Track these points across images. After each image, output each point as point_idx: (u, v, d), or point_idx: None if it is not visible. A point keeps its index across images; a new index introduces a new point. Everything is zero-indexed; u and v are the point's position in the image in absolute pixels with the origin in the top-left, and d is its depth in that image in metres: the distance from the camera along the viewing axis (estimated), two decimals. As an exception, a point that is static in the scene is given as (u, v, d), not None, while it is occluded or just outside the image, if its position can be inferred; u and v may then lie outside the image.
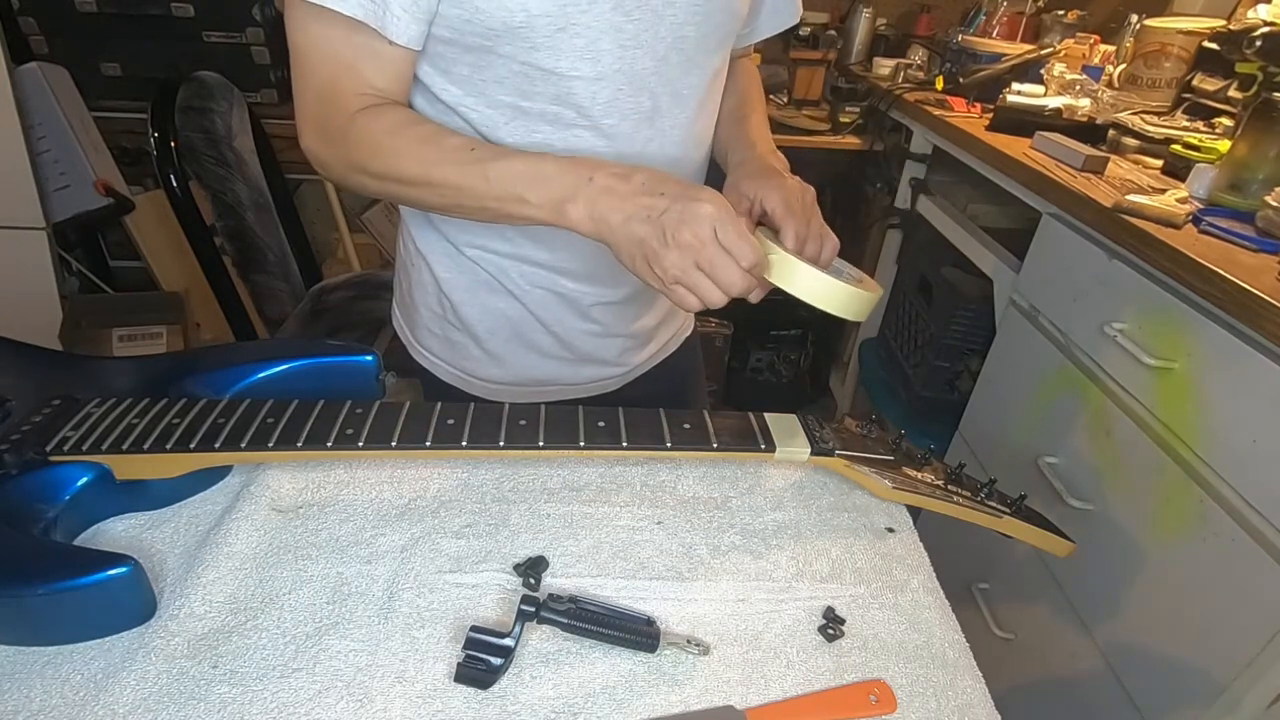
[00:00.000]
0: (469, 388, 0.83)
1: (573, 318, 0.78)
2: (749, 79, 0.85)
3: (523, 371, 0.82)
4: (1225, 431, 0.83)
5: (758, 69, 0.89)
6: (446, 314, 0.80)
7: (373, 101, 0.61)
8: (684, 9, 0.64)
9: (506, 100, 0.64)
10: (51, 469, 0.49)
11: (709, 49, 0.69)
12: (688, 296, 0.55)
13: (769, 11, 0.80)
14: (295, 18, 0.59)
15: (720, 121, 0.79)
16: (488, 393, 0.83)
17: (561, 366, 0.82)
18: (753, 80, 0.85)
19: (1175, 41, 1.33)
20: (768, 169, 0.68)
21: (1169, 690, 0.89)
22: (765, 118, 0.81)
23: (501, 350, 0.80)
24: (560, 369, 0.82)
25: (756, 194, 0.64)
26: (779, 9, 0.80)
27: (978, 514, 0.56)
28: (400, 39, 0.59)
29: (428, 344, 0.84)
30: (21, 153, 1.55)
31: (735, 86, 0.82)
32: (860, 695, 0.45)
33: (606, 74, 0.63)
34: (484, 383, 0.83)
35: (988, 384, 1.33)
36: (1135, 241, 0.94)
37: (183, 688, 0.41)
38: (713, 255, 0.53)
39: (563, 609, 0.46)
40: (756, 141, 0.75)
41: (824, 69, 2.00)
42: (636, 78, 0.65)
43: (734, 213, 0.55)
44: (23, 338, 0.61)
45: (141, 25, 1.79)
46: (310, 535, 0.52)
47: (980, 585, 1.26)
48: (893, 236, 1.89)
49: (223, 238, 1.53)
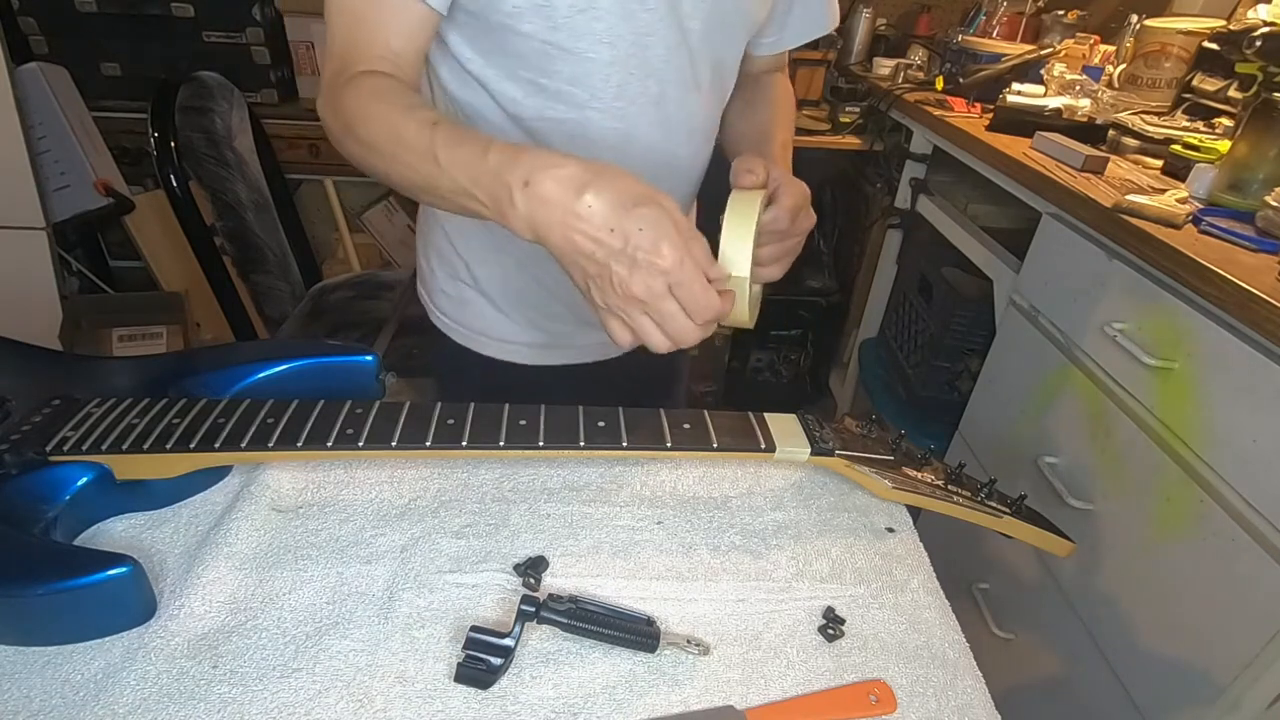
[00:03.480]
0: (482, 348, 0.85)
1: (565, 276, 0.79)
2: (782, 97, 0.83)
3: (533, 331, 0.83)
4: (1225, 431, 0.83)
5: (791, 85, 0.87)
6: (460, 273, 0.81)
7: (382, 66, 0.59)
8: (698, 6, 0.66)
9: (526, 76, 0.66)
10: (51, 469, 0.49)
11: (718, 43, 0.70)
12: (623, 334, 0.50)
13: (798, 17, 0.78)
14: None
15: (742, 135, 0.79)
16: (501, 352, 0.85)
17: (569, 329, 0.84)
18: (785, 98, 0.83)
19: (1175, 41, 1.33)
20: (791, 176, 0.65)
21: (1169, 690, 0.89)
22: (790, 139, 0.79)
23: (512, 308, 0.82)
24: (568, 331, 0.85)
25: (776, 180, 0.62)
26: (810, 16, 0.78)
27: (978, 514, 0.56)
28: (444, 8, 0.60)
29: (442, 305, 0.86)
30: (21, 153, 1.55)
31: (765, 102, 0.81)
32: (860, 695, 0.45)
33: (620, 58, 0.65)
34: (497, 342, 0.84)
35: (988, 384, 1.33)
36: (1135, 241, 0.94)
37: (183, 688, 0.41)
38: (664, 309, 0.48)
39: (563, 609, 0.46)
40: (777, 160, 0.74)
41: (824, 69, 2.00)
42: (647, 64, 0.67)
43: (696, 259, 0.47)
44: (23, 338, 0.61)
45: (141, 25, 1.79)
46: (310, 535, 0.52)
47: (980, 585, 1.26)
48: (893, 236, 1.89)
49: (223, 238, 1.53)
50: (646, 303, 0.47)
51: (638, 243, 0.46)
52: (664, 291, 0.47)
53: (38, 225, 1.62)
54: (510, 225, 0.50)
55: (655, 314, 0.48)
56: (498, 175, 0.48)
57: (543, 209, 0.47)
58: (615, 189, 0.47)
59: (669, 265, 0.46)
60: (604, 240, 0.46)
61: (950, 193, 1.63)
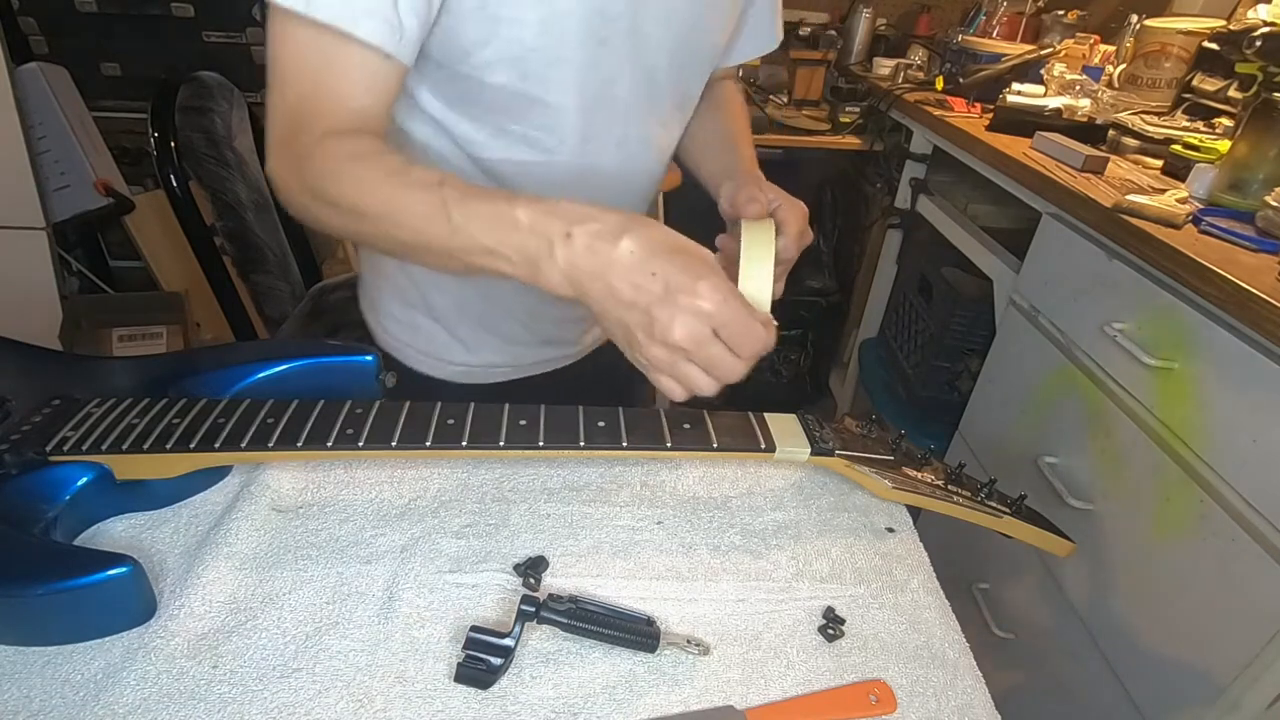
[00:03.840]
0: (434, 370, 0.83)
1: (543, 305, 0.79)
2: (736, 100, 0.85)
3: (487, 355, 0.83)
4: (1225, 431, 0.83)
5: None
6: (411, 298, 0.80)
7: (348, 123, 0.55)
8: (662, 44, 0.66)
9: (493, 121, 0.65)
10: (51, 469, 0.49)
11: (684, 77, 0.71)
12: (674, 388, 0.49)
13: (747, 36, 0.80)
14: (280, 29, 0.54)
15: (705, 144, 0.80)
16: (451, 374, 0.83)
17: (525, 350, 0.84)
18: (739, 102, 0.85)
19: (1175, 41, 1.33)
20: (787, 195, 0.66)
21: (1169, 690, 0.89)
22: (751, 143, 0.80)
23: (470, 334, 0.81)
24: (524, 352, 0.84)
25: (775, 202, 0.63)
26: (758, 33, 0.81)
27: (978, 514, 0.56)
28: (406, 58, 0.55)
29: (390, 329, 0.84)
30: (21, 153, 1.55)
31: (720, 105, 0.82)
32: (860, 695, 0.45)
33: (588, 104, 0.65)
34: (449, 364, 0.83)
35: (988, 384, 1.33)
36: (1135, 241, 0.94)
37: (183, 688, 0.41)
38: (710, 354, 0.46)
39: (563, 609, 0.46)
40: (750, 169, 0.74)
41: (824, 69, 2.01)
42: (613, 107, 0.67)
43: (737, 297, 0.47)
44: (23, 338, 0.61)
45: (141, 25, 1.80)
46: (310, 535, 0.52)
47: (980, 585, 1.26)
48: (893, 236, 1.89)
49: (223, 238, 1.53)
50: (691, 350, 0.46)
51: (678, 284, 0.45)
52: (709, 336, 0.46)
53: (38, 225, 1.62)
54: (543, 280, 0.48)
55: (702, 360, 0.47)
56: (533, 230, 0.47)
57: (584, 259, 0.46)
58: (651, 236, 0.47)
59: (711, 307, 0.45)
60: (645, 285, 0.46)
61: (950, 193, 1.63)
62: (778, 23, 0.82)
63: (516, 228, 0.48)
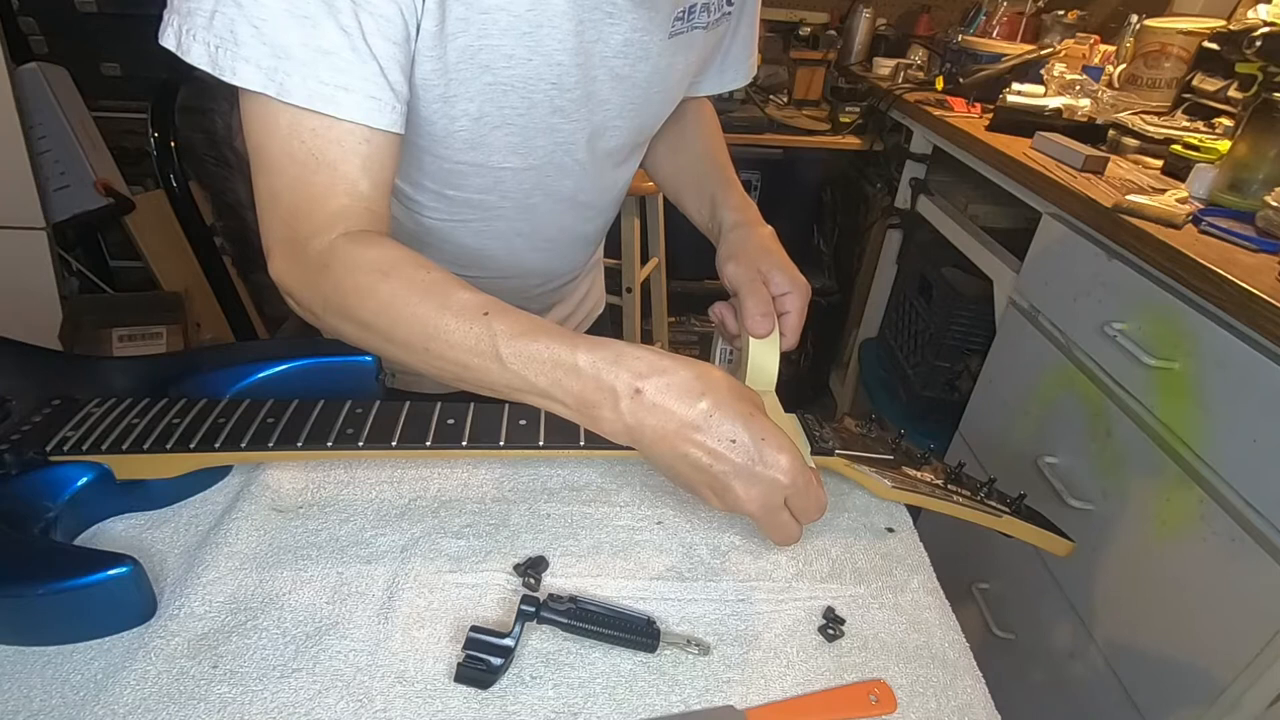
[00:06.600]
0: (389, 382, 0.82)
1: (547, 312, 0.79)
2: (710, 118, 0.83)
3: None
4: (1225, 431, 0.83)
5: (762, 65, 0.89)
6: None
7: (354, 214, 0.51)
8: (619, 106, 0.64)
9: (433, 188, 0.64)
10: (51, 469, 0.49)
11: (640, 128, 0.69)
12: None
13: (716, 71, 0.78)
14: (256, 113, 0.50)
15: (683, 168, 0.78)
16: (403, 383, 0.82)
17: None
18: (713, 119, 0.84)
19: (1175, 41, 1.33)
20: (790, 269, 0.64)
21: (1169, 690, 0.89)
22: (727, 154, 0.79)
23: None
24: None
25: (781, 288, 0.62)
26: (727, 69, 0.79)
27: (978, 514, 0.56)
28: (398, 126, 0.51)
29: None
30: (21, 153, 1.55)
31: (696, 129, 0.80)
32: (860, 695, 0.45)
33: (537, 164, 0.63)
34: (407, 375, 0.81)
35: (988, 384, 1.33)
36: (1135, 241, 0.94)
37: (183, 688, 0.41)
38: (778, 520, 0.46)
39: (563, 609, 0.46)
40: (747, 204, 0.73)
41: (824, 69, 2.01)
42: (564, 165, 0.65)
43: (808, 471, 0.45)
44: (23, 338, 0.61)
45: (141, 25, 1.78)
46: (310, 535, 0.52)
47: (980, 585, 1.26)
48: (893, 236, 1.89)
49: (223, 238, 1.53)
50: (758, 516, 0.45)
51: (759, 457, 0.44)
52: (779, 504, 0.45)
53: (38, 225, 1.62)
54: (599, 427, 0.46)
55: (767, 525, 0.46)
56: (597, 381, 0.45)
57: (653, 417, 0.44)
58: (726, 397, 0.44)
59: (789, 479, 0.44)
60: (724, 454, 0.44)
61: (950, 193, 1.63)
62: (752, 61, 0.80)
63: (577, 375, 0.45)
